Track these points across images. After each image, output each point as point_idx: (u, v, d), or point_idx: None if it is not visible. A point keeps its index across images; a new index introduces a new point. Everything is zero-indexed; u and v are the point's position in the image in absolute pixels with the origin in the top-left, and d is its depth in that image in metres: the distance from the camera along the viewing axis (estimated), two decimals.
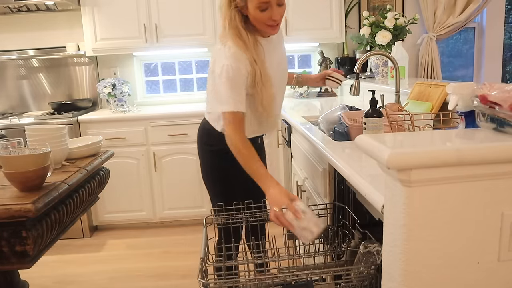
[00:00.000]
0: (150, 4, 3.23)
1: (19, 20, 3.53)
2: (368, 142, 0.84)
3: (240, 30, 1.55)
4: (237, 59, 1.53)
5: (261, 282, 1.20)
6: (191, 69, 3.76)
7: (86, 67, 3.62)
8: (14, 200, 1.20)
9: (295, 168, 2.44)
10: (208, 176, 1.83)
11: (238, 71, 1.53)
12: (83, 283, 2.56)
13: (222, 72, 1.53)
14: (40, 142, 1.48)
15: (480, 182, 0.80)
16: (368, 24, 3.01)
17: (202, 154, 1.85)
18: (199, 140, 1.85)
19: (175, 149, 3.16)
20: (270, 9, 1.51)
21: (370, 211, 1.22)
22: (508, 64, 4.06)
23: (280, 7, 1.54)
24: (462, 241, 0.82)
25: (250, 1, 1.50)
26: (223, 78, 1.53)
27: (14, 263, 1.25)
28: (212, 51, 1.66)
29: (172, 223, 3.35)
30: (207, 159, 1.82)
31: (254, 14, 1.52)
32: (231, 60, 1.52)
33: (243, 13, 1.55)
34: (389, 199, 0.86)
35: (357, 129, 1.76)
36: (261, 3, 1.49)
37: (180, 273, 2.59)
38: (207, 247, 1.37)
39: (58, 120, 3.07)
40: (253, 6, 1.50)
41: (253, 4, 1.50)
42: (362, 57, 2.10)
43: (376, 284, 1.11)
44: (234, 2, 1.53)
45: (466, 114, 1.23)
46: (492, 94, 0.85)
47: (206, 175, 1.84)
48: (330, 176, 1.62)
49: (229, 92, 1.53)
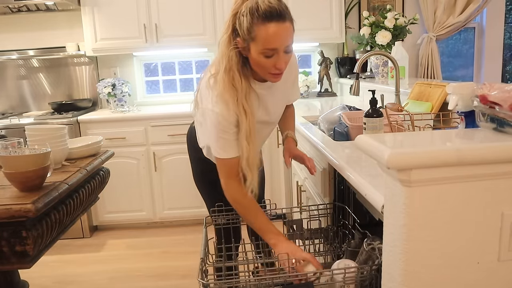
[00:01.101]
0: (150, 4, 3.23)
1: (19, 20, 3.53)
2: (368, 142, 0.84)
3: (234, 74, 1.35)
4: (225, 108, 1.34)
5: (261, 282, 1.20)
6: (191, 69, 3.76)
7: (86, 67, 3.62)
8: (14, 200, 1.20)
9: (295, 168, 2.45)
10: (200, 183, 1.78)
11: (225, 120, 1.35)
12: (83, 283, 2.56)
13: (212, 120, 1.37)
14: (40, 142, 1.48)
15: (480, 182, 0.80)
16: (368, 24, 3.01)
17: (192, 160, 1.78)
18: (189, 146, 1.77)
19: (175, 149, 3.16)
20: (276, 56, 1.31)
21: (370, 211, 1.22)
22: (508, 64, 4.06)
23: (286, 55, 1.33)
24: (462, 241, 0.82)
25: (254, 44, 1.29)
26: (213, 126, 1.38)
27: (14, 263, 1.25)
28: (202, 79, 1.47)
29: (172, 223, 3.35)
30: (197, 165, 1.75)
31: (257, 59, 1.32)
32: (219, 108, 1.34)
33: (242, 54, 1.35)
34: (389, 199, 0.86)
35: (357, 129, 1.77)
36: (267, 49, 1.28)
37: (180, 273, 2.59)
38: (207, 247, 1.37)
39: (58, 120, 3.07)
40: (257, 51, 1.30)
41: (257, 49, 1.30)
42: (362, 57, 2.10)
43: (376, 284, 1.11)
44: (234, 41, 1.33)
45: (466, 114, 1.23)
46: (492, 94, 0.85)
47: (199, 181, 1.78)
48: (330, 176, 1.62)
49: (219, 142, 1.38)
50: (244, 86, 1.37)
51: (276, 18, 1.26)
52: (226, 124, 1.36)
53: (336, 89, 3.68)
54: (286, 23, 1.28)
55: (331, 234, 1.52)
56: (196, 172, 1.78)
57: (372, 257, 1.13)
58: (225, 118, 1.35)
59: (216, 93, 1.36)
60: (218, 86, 1.36)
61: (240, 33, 1.31)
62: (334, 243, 1.51)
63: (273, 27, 1.26)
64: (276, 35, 1.27)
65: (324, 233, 1.53)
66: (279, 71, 1.35)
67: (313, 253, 1.52)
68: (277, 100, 1.56)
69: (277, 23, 1.26)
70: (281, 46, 1.30)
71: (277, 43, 1.28)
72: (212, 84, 1.39)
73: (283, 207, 3.07)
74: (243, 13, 1.28)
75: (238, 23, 1.30)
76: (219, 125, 1.36)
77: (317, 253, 1.52)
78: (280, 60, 1.32)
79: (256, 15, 1.26)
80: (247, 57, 1.36)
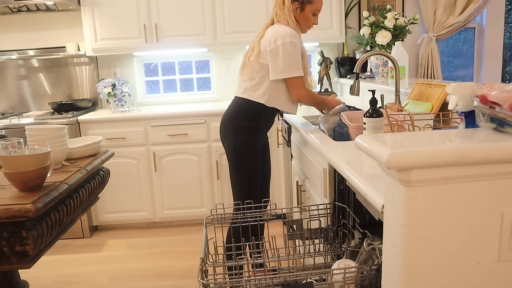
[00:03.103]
0: (150, 4, 3.23)
1: (19, 20, 3.53)
2: (368, 142, 0.84)
3: (297, 18, 2.06)
4: (295, 37, 2.00)
5: (261, 282, 1.20)
6: (191, 69, 3.76)
7: (86, 67, 3.62)
8: (14, 200, 1.20)
9: (295, 168, 2.45)
10: (240, 152, 2.09)
11: (296, 47, 2.00)
12: (83, 283, 2.56)
13: (291, 47, 1.98)
14: (40, 142, 1.48)
15: (480, 182, 0.80)
16: (368, 24, 3.01)
17: (235, 132, 2.09)
18: (232, 119, 2.11)
19: (175, 149, 3.16)
20: (316, 16, 2.08)
21: (370, 211, 1.22)
22: (508, 64, 4.06)
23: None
24: (462, 241, 0.82)
25: (310, 6, 2.03)
26: (291, 51, 1.98)
27: (14, 263, 1.25)
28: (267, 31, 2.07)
29: (172, 223, 3.35)
30: (241, 135, 2.08)
31: (307, 15, 2.05)
32: (294, 39, 1.99)
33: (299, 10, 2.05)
34: (389, 199, 0.86)
35: (357, 129, 1.77)
36: (317, 10, 2.06)
37: (180, 273, 2.59)
38: (207, 247, 1.37)
39: (58, 120, 3.07)
40: (311, 10, 2.04)
41: (312, 9, 2.04)
42: (362, 57, 2.10)
43: (376, 284, 1.11)
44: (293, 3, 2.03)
45: (466, 114, 1.23)
46: (492, 94, 0.85)
47: (239, 151, 2.09)
48: (330, 176, 1.62)
49: (295, 62, 2.01)
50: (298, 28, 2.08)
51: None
52: (298, 50, 2.03)
53: (336, 89, 3.68)
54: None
55: (331, 234, 1.52)
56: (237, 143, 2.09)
57: (372, 257, 1.13)
58: (297, 46, 2.02)
59: (288, 31, 1.99)
60: (285, 23, 2.03)
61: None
62: (334, 243, 1.51)
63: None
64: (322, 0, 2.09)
65: (324, 233, 1.52)
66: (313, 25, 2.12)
67: (313, 253, 1.52)
68: None
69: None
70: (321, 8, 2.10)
71: (321, 6, 2.08)
72: (283, 28, 2.01)
73: (283, 207, 3.07)
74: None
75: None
76: (295, 49, 2.00)
77: (317, 253, 1.52)
78: (318, 18, 2.12)
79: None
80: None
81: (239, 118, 2.09)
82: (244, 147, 2.09)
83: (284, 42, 1.97)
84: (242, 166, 2.11)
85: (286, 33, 1.98)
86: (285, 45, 1.97)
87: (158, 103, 3.72)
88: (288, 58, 1.98)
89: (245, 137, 2.08)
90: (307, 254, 1.50)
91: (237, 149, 2.09)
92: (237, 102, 2.14)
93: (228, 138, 2.12)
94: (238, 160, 2.10)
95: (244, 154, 2.10)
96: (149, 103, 3.72)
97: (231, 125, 2.11)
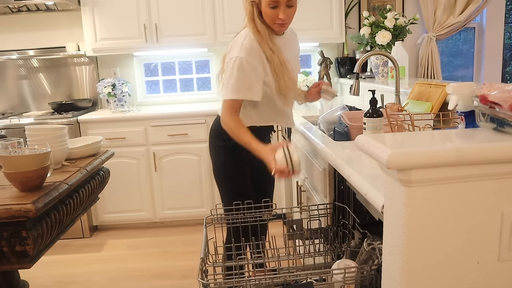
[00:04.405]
0: (150, 4, 3.23)
1: (19, 20, 3.53)
2: (368, 142, 0.84)
3: (256, 22, 1.67)
4: (251, 53, 1.64)
5: (261, 282, 1.20)
6: (191, 69, 3.76)
7: (86, 67, 3.62)
8: (14, 200, 1.20)
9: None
10: (220, 173, 1.87)
11: (249, 64, 1.63)
12: (83, 283, 2.56)
13: (234, 64, 1.64)
14: (40, 142, 1.48)
15: (480, 182, 0.80)
16: (368, 24, 3.01)
17: (214, 151, 1.88)
18: (212, 137, 1.89)
19: (175, 149, 3.16)
20: (278, 8, 1.62)
21: (370, 211, 1.22)
22: (508, 64, 4.06)
23: (289, 8, 1.64)
24: (462, 241, 0.82)
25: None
26: (234, 69, 1.64)
27: (14, 263, 1.25)
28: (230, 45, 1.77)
29: (172, 223, 3.35)
30: (220, 156, 1.86)
31: (265, 10, 1.64)
32: (245, 53, 1.63)
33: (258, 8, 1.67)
34: (389, 199, 0.86)
35: (357, 129, 1.77)
36: (271, 1, 1.61)
37: (180, 273, 2.59)
38: (207, 247, 1.37)
39: (58, 120, 3.07)
40: (265, 3, 1.63)
41: (265, 1, 1.63)
42: (362, 57, 2.10)
43: (376, 284, 1.11)
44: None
45: (466, 114, 1.23)
46: (492, 94, 0.85)
47: (218, 172, 1.88)
48: (330, 176, 1.62)
49: (234, 82, 1.64)
50: (267, 31, 1.68)
51: None
52: (248, 66, 1.63)
53: (336, 89, 3.67)
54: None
55: (331, 234, 1.52)
56: (216, 163, 1.87)
57: (372, 257, 1.13)
58: (248, 61, 1.63)
59: (241, 41, 1.66)
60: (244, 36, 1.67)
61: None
62: (334, 243, 1.51)
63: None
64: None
65: (324, 233, 1.53)
66: (282, 21, 1.64)
67: (313, 253, 1.52)
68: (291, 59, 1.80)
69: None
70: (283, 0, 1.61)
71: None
72: (239, 38, 1.69)
73: (283, 207, 3.07)
74: None
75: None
76: (241, 67, 1.63)
77: (317, 253, 1.52)
78: (282, 11, 1.62)
79: None
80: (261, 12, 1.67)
81: (220, 137, 1.83)
82: (224, 167, 1.86)
83: (232, 57, 1.66)
84: (226, 187, 1.89)
85: (240, 45, 1.66)
86: (232, 60, 1.66)
87: (158, 103, 3.72)
88: (229, 75, 1.66)
89: (224, 158, 1.85)
90: (307, 254, 1.50)
91: (217, 169, 1.90)
92: (217, 119, 1.87)
93: (211, 155, 1.93)
94: (221, 181, 1.90)
95: (224, 176, 1.88)
96: (149, 103, 3.71)
97: (212, 143, 1.91)
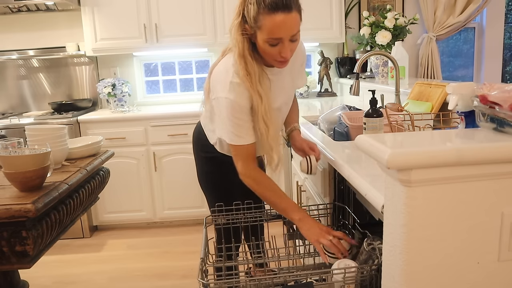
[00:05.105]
0: (150, 4, 3.23)
1: (19, 20, 3.53)
2: (368, 142, 0.84)
3: (247, 59, 1.38)
4: (239, 94, 1.39)
5: (261, 282, 1.20)
6: (191, 69, 3.76)
7: (86, 67, 3.62)
8: (14, 200, 1.20)
9: (295, 168, 2.44)
10: (203, 183, 1.81)
11: (239, 107, 1.39)
12: (83, 283, 2.56)
13: (227, 107, 1.40)
14: (40, 142, 1.48)
15: (480, 182, 0.80)
16: (368, 24, 3.01)
17: (197, 159, 1.80)
18: (194, 145, 1.80)
19: (175, 149, 3.16)
20: (281, 45, 1.34)
21: (370, 211, 1.22)
22: (508, 64, 4.06)
23: (292, 43, 1.36)
24: (462, 241, 0.82)
25: (260, 33, 1.33)
26: (227, 113, 1.41)
27: (14, 263, 1.25)
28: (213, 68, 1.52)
29: (172, 223, 3.35)
30: (202, 165, 1.78)
31: (262, 47, 1.36)
32: (233, 95, 1.38)
33: (252, 40, 1.39)
34: (389, 199, 0.86)
35: (357, 129, 1.77)
36: (272, 39, 1.32)
37: (180, 273, 2.59)
38: (207, 247, 1.37)
39: (58, 120, 3.07)
40: (262, 39, 1.33)
41: (262, 37, 1.33)
42: (362, 57, 2.10)
43: (376, 284, 1.11)
44: (243, 27, 1.37)
45: (466, 114, 1.23)
46: (492, 94, 0.85)
47: (202, 181, 1.81)
48: (330, 176, 1.62)
49: (232, 129, 1.42)
50: (257, 71, 1.40)
51: (281, 9, 1.27)
52: (240, 110, 1.40)
53: (336, 89, 3.68)
54: (292, 13, 1.29)
55: None
56: (200, 171, 1.79)
57: (372, 257, 1.13)
58: (239, 104, 1.39)
59: (229, 79, 1.39)
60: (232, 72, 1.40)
61: (247, 21, 1.34)
62: None
63: (279, 18, 1.28)
64: (281, 25, 1.29)
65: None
66: (284, 59, 1.37)
67: (313, 253, 1.52)
68: (286, 86, 1.58)
69: (283, 13, 1.28)
70: (286, 36, 1.32)
71: (282, 33, 1.31)
72: (225, 72, 1.42)
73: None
74: (251, 1, 1.32)
75: (246, 11, 1.34)
76: (233, 111, 1.39)
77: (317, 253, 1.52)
78: (285, 48, 1.34)
79: (263, 5, 1.29)
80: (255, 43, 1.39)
81: (204, 149, 1.73)
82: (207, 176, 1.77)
83: (220, 97, 1.42)
84: (211, 194, 1.80)
85: (227, 84, 1.40)
86: (218, 100, 1.43)
87: (158, 103, 3.72)
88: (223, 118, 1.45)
89: (207, 168, 1.75)
90: (307, 254, 1.50)
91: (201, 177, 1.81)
92: (200, 130, 1.74)
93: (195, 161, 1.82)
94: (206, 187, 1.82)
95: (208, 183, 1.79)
96: (149, 103, 3.71)
97: (195, 151, 1.80)
